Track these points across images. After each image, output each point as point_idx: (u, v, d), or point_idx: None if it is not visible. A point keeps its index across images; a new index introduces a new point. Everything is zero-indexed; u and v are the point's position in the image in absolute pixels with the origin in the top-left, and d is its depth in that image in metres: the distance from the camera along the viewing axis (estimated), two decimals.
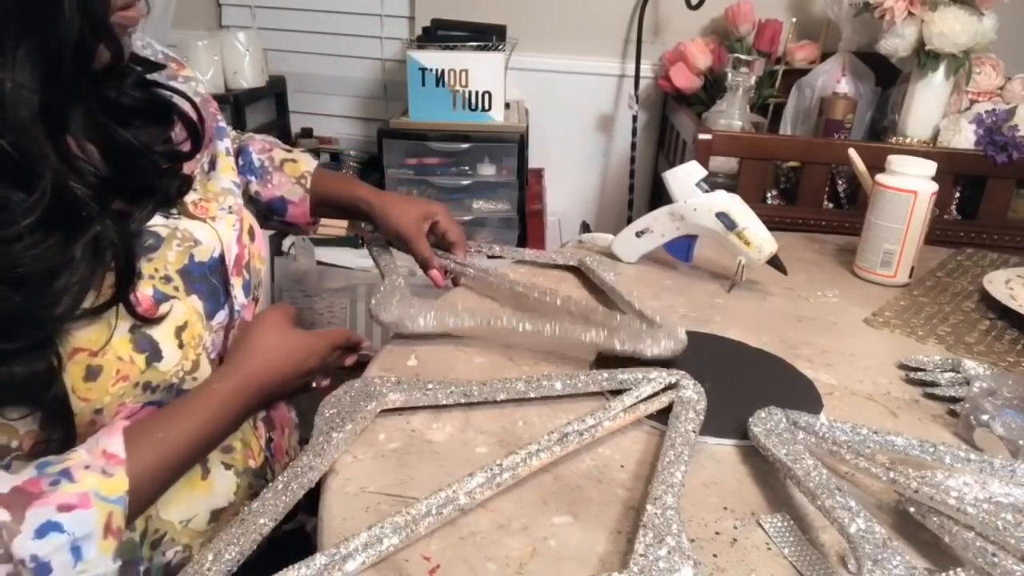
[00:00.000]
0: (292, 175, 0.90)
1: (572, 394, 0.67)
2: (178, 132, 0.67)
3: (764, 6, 1.67)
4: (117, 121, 0.60)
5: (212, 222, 0.67)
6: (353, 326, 1.65)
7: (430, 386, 0.65)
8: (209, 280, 0.64)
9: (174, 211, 0.64)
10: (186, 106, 0.67)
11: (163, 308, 0.58)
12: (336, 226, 1.75)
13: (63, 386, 0.53)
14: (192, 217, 0.66)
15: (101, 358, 0.54)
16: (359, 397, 0.64)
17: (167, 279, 0.60)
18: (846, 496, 0.51)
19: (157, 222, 0.62)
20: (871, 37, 1.47)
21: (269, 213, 0.92)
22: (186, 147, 0.66)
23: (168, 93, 0.66)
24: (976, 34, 1.33)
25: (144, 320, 0.57)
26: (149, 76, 0.65)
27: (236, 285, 0.68)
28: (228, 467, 0.67)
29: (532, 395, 0.66)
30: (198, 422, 0.59)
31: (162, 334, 0.58)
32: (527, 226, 1.72)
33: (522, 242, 1.71)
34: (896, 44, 1.38)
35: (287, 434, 0.79)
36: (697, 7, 1.67)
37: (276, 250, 1.65)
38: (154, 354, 0.58)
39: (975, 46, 1.36)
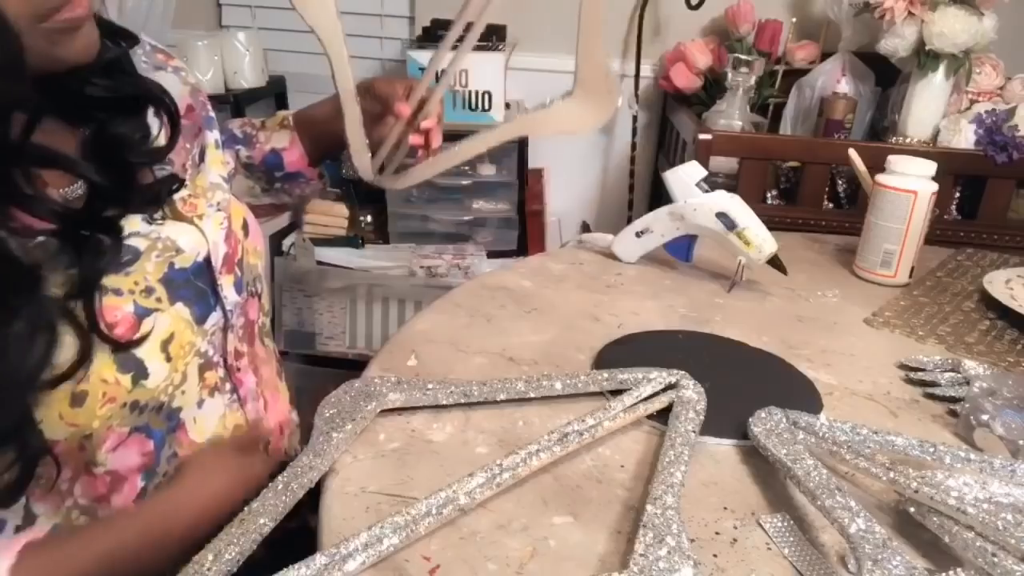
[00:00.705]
0: (273, 125, 0.88)
1: (572, 394, 0.67)
2: (165, 126, 0.65)
3: (764, 6, 1.67)
4: (86, 115, 0.59)
5: (199, 220, 0.65)
6: (353, 326, 1.65)
7: (430, 386, 0.65)
8: (194, 284, 0.62)
9: (157, 216, 0.62)
10: (156, 88, 0.64)
11: (145, 326, 0.56)
12: (336, 226, 1.75)
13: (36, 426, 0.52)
14: (179, 217, 0.64)
15: (85, 384, 0.53)
16: (359, 397, 0.64)
17: (148, 291, 0.58)
18: (846, 496, 0.51)
19: (140, 230, 0.60)
20: (871, 37, 1.47)
21: (269, 174, 0.89)
22: (163, 138, 0.64)
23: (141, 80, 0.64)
24: (976, 34, 1.33)
25: (123, 345, 0.55)
26: (116, 56, 0.61)
27: (226, 284, 0.66)
28: None
29: (532, 395, 0.66)
30: (112, 543, 0.53)
31: (147, 351, 0.57)
32: (527, 226, 1.72)
33: (522, 242, 1.71)
34: (896, 44, 1.38)
35: (287, 435, 0.78)
36: (697, 7, 1.67)
37: (276, 250, 1.65)
38: (140, 372, 0.56)
39: (975, 46, 1.35)
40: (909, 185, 0.94)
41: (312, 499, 0.55)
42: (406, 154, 0.84)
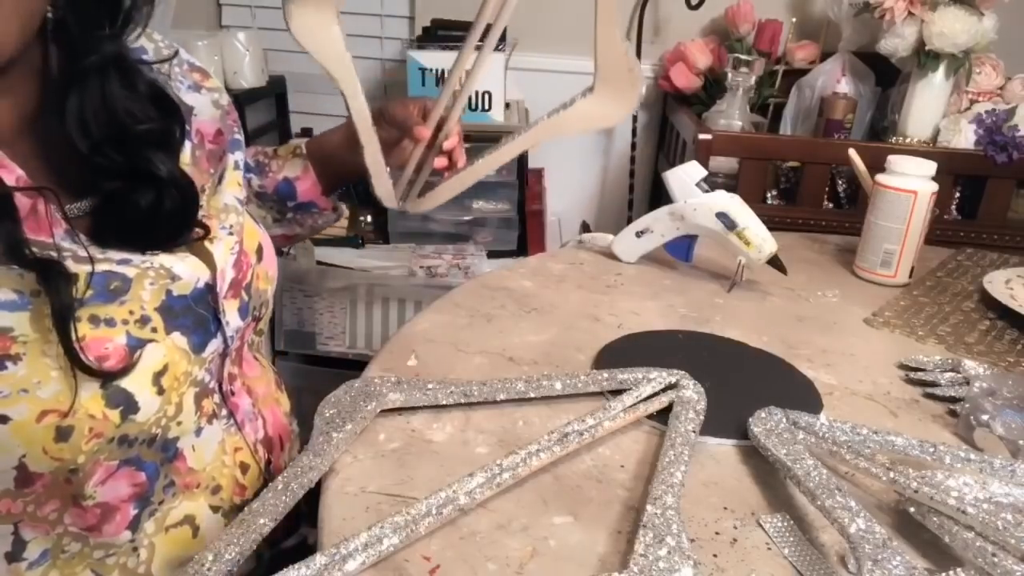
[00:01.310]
0: (286, 153, 0.87)
1: (572, 394, 0.67)
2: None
3: (764, 6, 1.67)
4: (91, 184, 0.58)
5: (210, 244, 0.62)
6: (353, 326, 1.65)
7: (430, 386, 0.65)
8: (195, 311, 0.60)
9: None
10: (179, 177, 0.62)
11: (133, 357, 0.54)
12: (336, 226, 1.75)
13: None
14: (192, 245, 0.62)
15: (71, 419, 0.51)
16: (359, 397, 0.64)
17: (144, 321, 0.55)
18: (846, 496, 0.51)
19: (131, 258, 0.57)
20: (871, 37, 1.47)
21: (281, 204, 0.87)
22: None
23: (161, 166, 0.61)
24: (976, 34, 1.34)
25: (109, 377, 0.53)
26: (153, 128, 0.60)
27: (229, 309, 0.63)
28: (216, 509, 0.65)
29: (532, 395, 0.66)
30: None
31: (137, 384, 0.54)
32: (527, 226, 1.72)
33: (522, 242, 1.71)
34: (896, 44, 1.39)
35: (287, 448, 0.76)
36: (697, 7, 1.67)
37: (276, 250, 1.65)
38: (129, 407, 0.54)
39: (975, 46, 1.36)
40: (909, 185, 0.94)
41: (311, 510, 0.55)
42: (429, 175, 0.83)
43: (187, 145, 0.65)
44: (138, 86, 0.60)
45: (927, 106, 1.41)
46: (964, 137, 1.37)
